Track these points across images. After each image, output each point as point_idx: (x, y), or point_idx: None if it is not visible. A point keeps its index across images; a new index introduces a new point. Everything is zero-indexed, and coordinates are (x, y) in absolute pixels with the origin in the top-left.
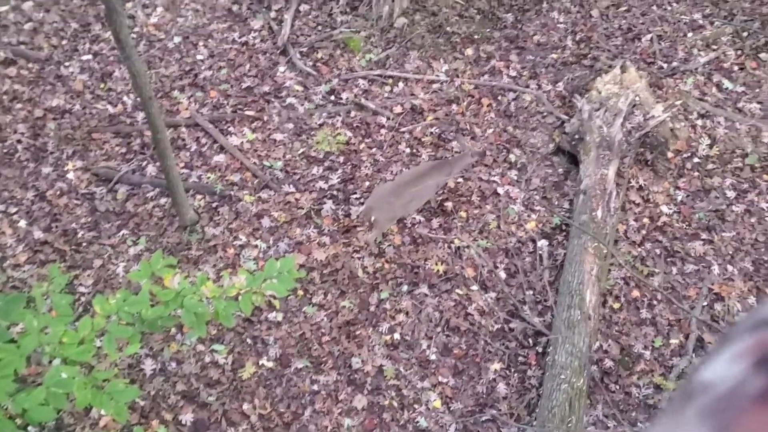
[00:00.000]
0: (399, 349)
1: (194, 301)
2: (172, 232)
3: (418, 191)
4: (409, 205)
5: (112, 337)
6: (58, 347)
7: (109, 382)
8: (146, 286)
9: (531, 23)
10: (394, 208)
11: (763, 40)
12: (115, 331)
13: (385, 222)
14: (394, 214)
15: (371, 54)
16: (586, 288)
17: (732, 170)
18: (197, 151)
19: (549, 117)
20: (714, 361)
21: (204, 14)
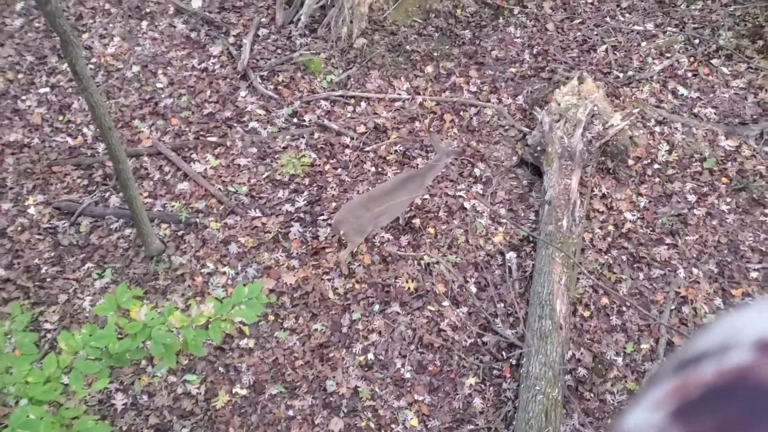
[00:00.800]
0: (373, 369)
1: (162, 332)
2: (138, 262)
3: (390, 206)
4: (379, 219)
5: (79, 373)
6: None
7: (78, 420)
8: (112, 320)
9: (488, 39)
10: (363, 222)
11: (714, 47)
12: (82, 367)
13: (354, 236)
14: (363, 228)
15: (332, 75)
16: (556, 298)
17: (691, 174)
18: (160, 179)
19: (511, 130)
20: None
21: (162, 42)
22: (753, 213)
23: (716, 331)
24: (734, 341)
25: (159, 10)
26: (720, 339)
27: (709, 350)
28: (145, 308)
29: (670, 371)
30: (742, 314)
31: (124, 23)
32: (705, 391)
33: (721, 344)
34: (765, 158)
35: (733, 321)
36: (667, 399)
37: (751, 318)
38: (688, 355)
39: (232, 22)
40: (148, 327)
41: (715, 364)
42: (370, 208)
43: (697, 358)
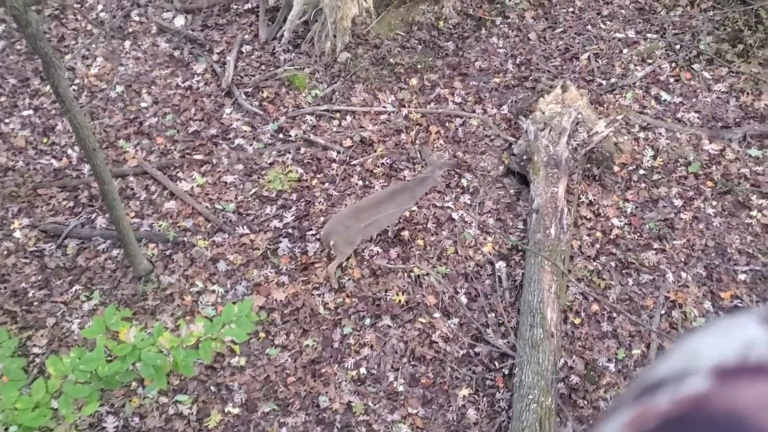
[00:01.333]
0: (366, 384)
1: (152, 354)
2: (127, 283)
3: (379, 217)
4: (368, 229)
5: (69, 397)
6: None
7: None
8: (101, 342)
9: (472, 50)
10: (353, 232)
11: (694, 52)
12: (71, 391)
13: (343, 246)
14: (352, 239)
15: (317, 90)
16: (547, 306)
17: (677, 179)
18: (147, 199)
19: (497, 140)
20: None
21: (145, 62)
22: (739, 216)
23: (676, 357)
24: (692, 368)
25: (141, 29)
26: (678, 365)
27: (667, 377)
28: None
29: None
30: (702, 337)
31: (107, 43)
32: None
33: (679, 371)
34: (749, 161)
35: (693, 345)
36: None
37: (710, 342)
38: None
39: (216, 39)
40: (137, 348)
41: (672, 392)
42: (359, 219)
43: (655, 386)
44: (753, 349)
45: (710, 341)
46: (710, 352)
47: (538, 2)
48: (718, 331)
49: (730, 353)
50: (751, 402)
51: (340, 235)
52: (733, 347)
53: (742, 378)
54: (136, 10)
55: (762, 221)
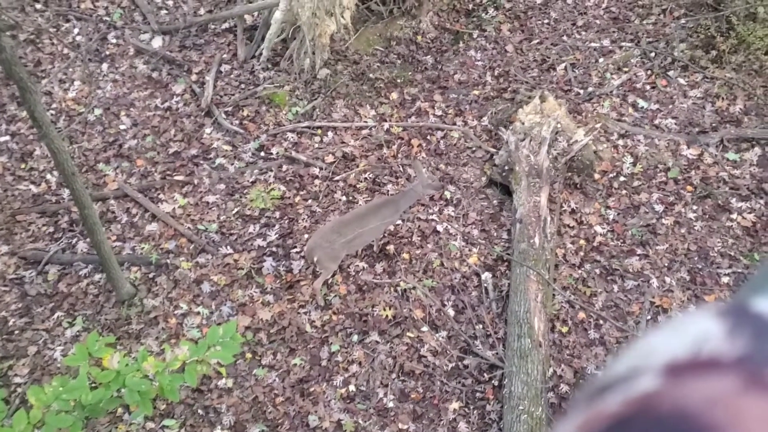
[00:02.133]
0: (356, 401)
1: (137, 379)
2: (110, 308)
3: (363, 231)
4: (352, 243)
5: (51, 428)
6: None
7: None
8: (84, 370)
9: (450, 63)
10: (336, 246)
11: (669, 59)
12: (54, 421)
13: (328, 262)
14: (336, 254)
15: (297, 107)
16: (534, 316)
17: (657, 185)
18: (128, 222)
19: (478, 151)
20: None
21: (123, 84)
22: (719, 219)
23: (629, 356)
24: (644, 366)
25: (119, 51)
26: (631, 364)
27: (619, 377)
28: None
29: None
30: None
31: (84, 67)
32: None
33: (631, 370)
34: (726, 165)
35: (647, 343)
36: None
37: (663, 339)
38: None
39: (194, 59)
40: (121, 375)
41: (622, 392)
42: (342, 233)
43: (606, 387)
44: (706, 344)
45: (664, 338)
46: (663, 349)
47: (513, 15)
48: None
49: (683, 349)
50: (700, 398)
51: (323, 250)
52: (685, 343)
53: (692, 374)
54: (112, 33)
55: (742, 224)
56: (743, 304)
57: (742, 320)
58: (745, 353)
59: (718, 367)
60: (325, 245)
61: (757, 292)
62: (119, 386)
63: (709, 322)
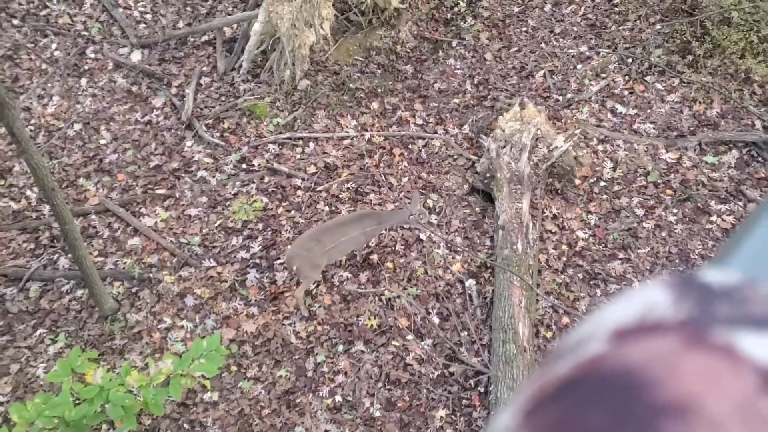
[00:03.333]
0: (342, 411)
1: (120, 394)
2: (93, 323)
3: (344, 240)
4: (332, 252)
5: None
6: None
7: None
8: (67, 386)
9: (430, 72)
10: (316, 254)
11: (646, 65)
12: None
13: (308, 270)
14: (316, 262)
15: (278, 118)
16: (518, 321)
17: (637, 189)
18: (110, 237)
19: (460, 159)
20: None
21: (103, 98)
22: (699, 221)
23: (581, 328)
24: (593, 334)
25: (97, 66)
26: (581, 334)
27: (570, 346)
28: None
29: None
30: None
31: (63, 82)
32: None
33: (581, 338)
34: (705, 168)
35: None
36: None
37: (611, 310)
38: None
39: (173, 73)
40: (105, 390)
41: (572, 359)
42: (322, 242)
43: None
44: (652, 311)
45: (614, 309)
46: (611, 318)
47: (492, 23)
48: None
49: (630, 317)
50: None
51: (302, 259)
52: (633, 311)
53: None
54: (91, 47)
55: (722, 226)
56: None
57: (689, 289)
58: (688, 317)
59: (662, 330)
60: (305, 253)
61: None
62: (103, 401)
63: (657, 292)
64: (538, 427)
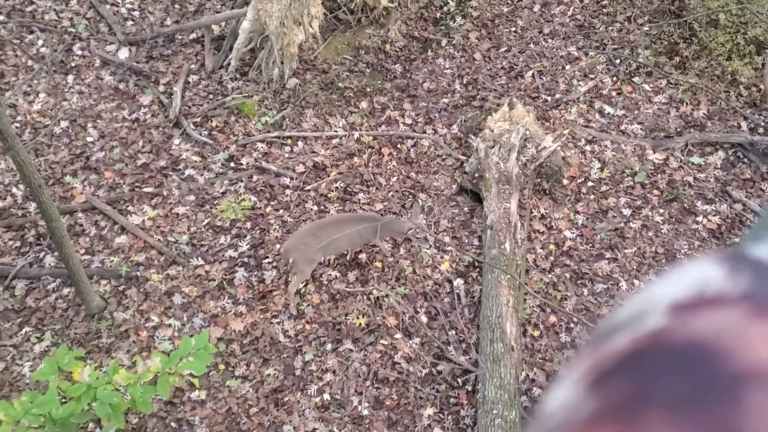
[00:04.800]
0: (330, 410)
1: (108, 392)
2: (79, 322)
3: (340, 237)
4: (328, 247)
5: None
6: None
7: None
8: (54, 384)
9: (419, 71)
10: (312, 249)
11: (634, 66)
12: None
13: (303, 264)
14: (312, 257)
15: (267, 117)
16: (506, 320)
17: (624, 189)
18: (97, 235)
19: (448, 159)
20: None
21: (90, 95)
22: (686, 222)
23: (630, 305)
24: (648, 309)
25: (84, 63)
26: (634, 310)
27: (623, 322)
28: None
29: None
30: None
31: (49, 79)
32: (619, 359)
33: (635, 314)
34: (692, 169)
35: (647, 293)
36: (584, 374)
37: (663, 286)
38: (604, 330)
39: (161, 70)
40: (92, 388)
41: (630, 333)
42: (319, 237)
43: (612, 332)
44: (708, 286)
45: (665, 286)
46: (666, 294)
47: (481, 23)
48: (672, 277)
49: (686, 291)
50: (709, 328)
51: (299, 252)
52: (688, 286)
53: (699, 310)
54: (78, 44)
55: (708, 226)
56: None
57: (741, 264)
58: (747, 291)
59: (723, 303)
60: (301, 247)
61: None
62: (90, 399)
63: (708, 268)
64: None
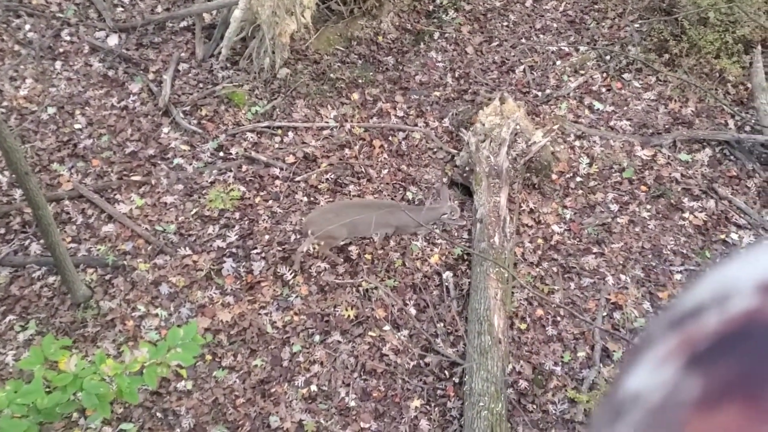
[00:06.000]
0: (317, 401)
1: (95, 382)
2: (65, 311)
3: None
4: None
5: None
6: None
7: None
8: (39, 373)
9: (411, 64)
10: (332, 227)
11: (624, 62)
12: (8, 426)
13: (323, 237)
14: (333, 234)
15: (257, 106)
16: (493, 313)
17: (612, 185)
18: (84, 223)
19: (439, 152)
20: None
21: (78, 82)
22: (672, 218)
23: (705, 287)
24: (732, 290)
25: (73, 49)
26: (714, 291)
27: (705, 303)
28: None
29: (664, 330)
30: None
31: (37, 64)
32: (715, 339)
33: (717, 296)
34: (679, 165)
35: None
36: (672, 354)
37: (742, 267)
38: (680, 312)
39: (151, 58)
40: (78, 378)
41: (718, 314)
42: (340, 215)
43: (693, 313)
44: None
45: (742, 267)
46: (747, 275)
47: (473, 17)
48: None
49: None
50: None
51: (318, 226)
52: None
53: None
54: (66, 30)
55: (694, 222)
56: None
57: None
58: None
59: None
60: (322, 222)
61: None
62: (76, 389)
63: None
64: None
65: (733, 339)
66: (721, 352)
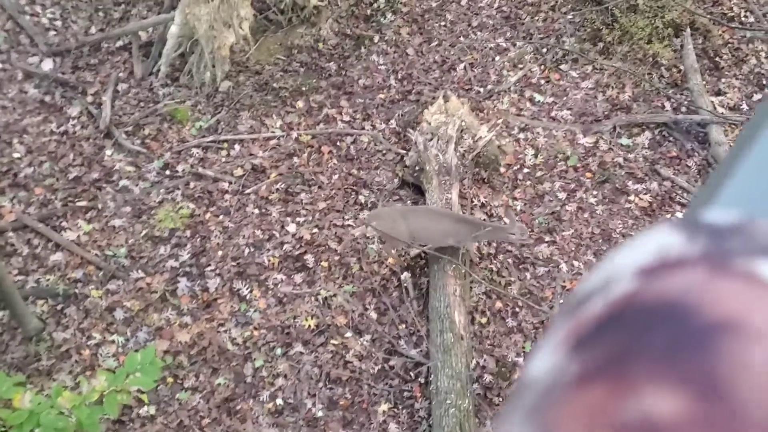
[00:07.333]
0: (284, 414)
1: (52, 417)
2: (16, 346)
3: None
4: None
5: None
6: None
7: None
8: None
9: (354, 68)
10: (395, 228)
11: (560, 54)
12: None
13: (385, 232)
14: (397, 233)
15: (200, 122)
16: (454, 310)
17: (558, 174)
18: (30, 254)
19: (389, 154)
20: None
21: (14, 110)
22: (618, 201)
23: (598, 273)
24: (616, 275)
25: (6, 77)
26: (601, 278)
27: (592, 290)
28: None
29: (563, 316)
30: (617, 254)
31: None
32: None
33: (603, 282)
34: (620, 150)
35: (609, 262)
36: (563, 339)
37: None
38: (576, 298)
39: (88, 80)
40: (35, 413)
41: (602, 299)
42: (406, 218)
43: (583, 300)
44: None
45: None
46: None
47: (411, 18)
48: (632, 245)
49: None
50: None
51: (381, 222)
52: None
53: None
54: None
55: (640, 205)
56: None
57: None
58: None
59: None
60: (386, 220)
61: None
62: (33, 426)
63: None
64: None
65: (611, 322)
66: (599, 334)
